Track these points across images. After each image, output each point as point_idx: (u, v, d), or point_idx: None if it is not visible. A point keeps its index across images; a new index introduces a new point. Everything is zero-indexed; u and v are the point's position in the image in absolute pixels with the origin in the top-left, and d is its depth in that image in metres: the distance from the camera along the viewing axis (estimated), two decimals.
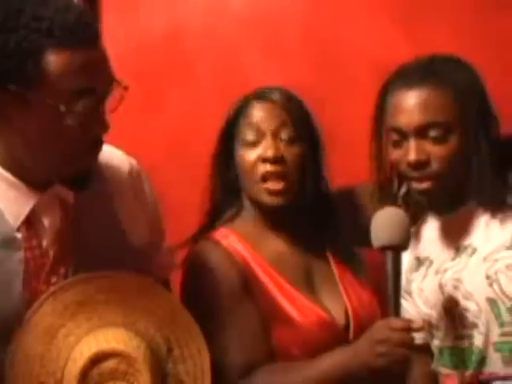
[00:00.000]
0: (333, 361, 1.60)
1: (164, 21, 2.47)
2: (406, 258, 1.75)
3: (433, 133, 1.61)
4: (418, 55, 1.72)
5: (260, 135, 1.74)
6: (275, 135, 1.74)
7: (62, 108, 1.36)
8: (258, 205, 1.77)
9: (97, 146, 1.46)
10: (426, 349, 1.68)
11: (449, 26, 2.28)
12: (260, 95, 1.78)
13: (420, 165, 1.62)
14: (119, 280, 1.49)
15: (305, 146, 1.77)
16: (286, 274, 1.71)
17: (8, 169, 1.47)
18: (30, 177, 1.48)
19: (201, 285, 1.69)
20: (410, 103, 1.62)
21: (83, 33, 1.37)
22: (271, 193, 1.73)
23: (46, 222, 1.50)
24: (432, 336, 1.71)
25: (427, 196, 1.66)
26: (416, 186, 1.64)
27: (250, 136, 1.75)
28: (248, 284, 1.69)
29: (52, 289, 1.46)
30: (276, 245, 1.76)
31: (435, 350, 1.71)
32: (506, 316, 1.59)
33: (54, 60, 1.35)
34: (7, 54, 1.34)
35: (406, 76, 1.66)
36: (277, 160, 1.72)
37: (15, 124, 1.41)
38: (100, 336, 1.43)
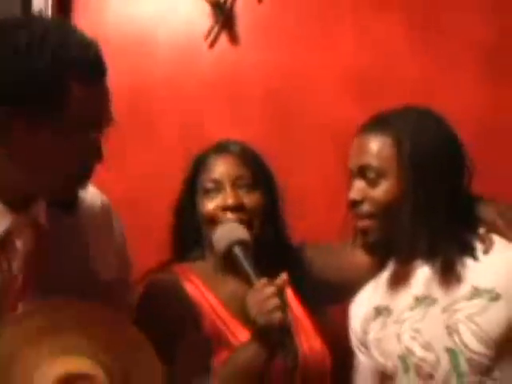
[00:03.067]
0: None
1: (129, 77, 2.51)
2: (364, 308, 1.78)
3: (368, 174, 1.68)
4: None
5: (219, 185, 1.81)
6: (234, 184, 1.81)
7: (76, 136, 1.39)
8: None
9: (89, 173, 1.48)
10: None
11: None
12: (218, 148, 1.87)
13: (355, 203, 1.69)
14: (86, 310, 1.48)
15: (264, 194, 1.84)
16: (238, 315, 1.75)
17: None
18: (9, 196, 1.47)
19: (150, 310, 1.73)
20: (357, 146, 1.72)
21: (100, 68, 1.43)
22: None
23: (18, 245, 1.49)
24: None
25: (367, 237, 1.69)
26: (357, 224, 1.71)
27: (209, 186, 1.81)
28: (196, 315, 1.74)
29: (15, 314, 1.44)
30: (233, 289, 1.80)
31: None
32: (464, 366, 1.58)
33: (74, 89, 1.39)
34: (32, 77, 1.36)
35: (364, 124, 1.75)
36: (237, 208, 1.78)
37: (15, 145, 1.41)
38: (65, 360, 1.42)
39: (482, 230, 1.67)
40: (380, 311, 1.75)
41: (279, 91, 2.48)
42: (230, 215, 1.78)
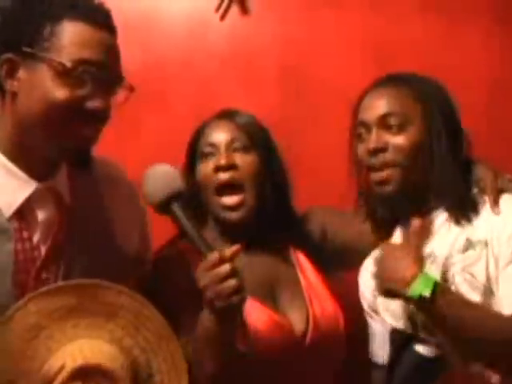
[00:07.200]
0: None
1: (144, 51, 2.52)
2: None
3: (391, 121, 1.71)
4: None
5: (215, 148, 1.80)
6: (228, 146, 1.80)
7: (68, 64, 1.39)
8: (216, 219, 1.81)
9: (95, 120, 1.47)
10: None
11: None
12: (217, 115, 1.88)
13: (377, 151, 1.70)
14: (114, 294, 1.46)
15: (260, 156, 1.82)
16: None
17: (7, 153, 1.46)
18: (28, 161, 1.47)
19: (161, 286, 1.72)
20: (375, 99, 1.75)
21: (101, 16, 1.45)
22: (226, 208, 1.77)
23: (39, 215, 1.48)
24: None
25: (386, 187, 1.70)
26: (375, 176, 1.71)
27: (206, 149, 1.81)
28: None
29: (42, 289, 1.43)
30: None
31: None
32: None
33: (68, 29, 1.41)
34: (27, 21, 1.40)
35: (377, 81, 1.80)
36: (230, 167, 1.77)
37: (20, 97, 1.43)
38: (85, 348, 1.40)
39: (475, 190, 1.73)
40: None
41: (292, 60, 2.48)
42: (222, 175, 1.77)
